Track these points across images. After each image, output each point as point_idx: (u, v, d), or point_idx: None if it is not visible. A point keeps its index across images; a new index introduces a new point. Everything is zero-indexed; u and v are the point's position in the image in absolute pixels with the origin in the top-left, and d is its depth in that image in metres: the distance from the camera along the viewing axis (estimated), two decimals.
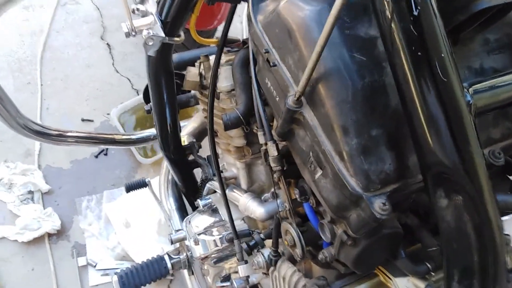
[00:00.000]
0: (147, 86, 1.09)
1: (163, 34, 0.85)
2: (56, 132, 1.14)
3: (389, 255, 0.67)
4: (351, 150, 0.51)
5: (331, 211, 0.58)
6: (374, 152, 0.51)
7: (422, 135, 0.45)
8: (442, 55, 0.43)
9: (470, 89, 0.47)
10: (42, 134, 1.09)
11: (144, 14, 0.88)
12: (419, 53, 0.43)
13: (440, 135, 0.44)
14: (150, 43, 0.84)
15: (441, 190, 0.47)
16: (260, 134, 0.71)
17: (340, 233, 0.60)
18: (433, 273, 0.67)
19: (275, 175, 0.71)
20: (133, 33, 0.88)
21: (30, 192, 1.99)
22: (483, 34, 0.56)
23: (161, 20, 0.88)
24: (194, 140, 1.38)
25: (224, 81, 0.91)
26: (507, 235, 0.75)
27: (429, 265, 0.67)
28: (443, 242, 0.50)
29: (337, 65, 0.51)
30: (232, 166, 1.14)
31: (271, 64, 0.60)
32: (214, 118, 0.95)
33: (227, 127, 0.84)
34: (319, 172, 0.57)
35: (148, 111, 1.20)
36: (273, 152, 0.68)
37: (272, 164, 0.68)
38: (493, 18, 0.53)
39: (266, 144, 0.70)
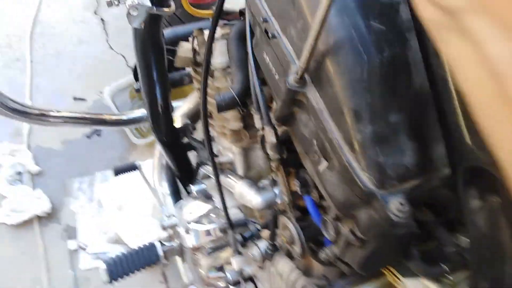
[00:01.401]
0: None
1: (149, 4, 0.76)
2: (38, 111, 1.05)
3: (401, 255, 0.59)
4: (364, 140, 0.42)
5: (337, 208, 0.50)
6: (392, 142, 0.43)
7: (455, 123, 0.37)
8: None
9: None
10: (21, 113, 1.00)
11: None
12: None
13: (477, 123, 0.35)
14: (135, 14, 0.75)
15: (474, 189, 0.39)
16: (256, 118, 0.63)
17: (346, 233, 0.52)
18: (449, 275, 0.60)
19: (272, 164, 0.63)
20: (116, 2, 0.79)
21: (19, 173, 1.92)
22: None
23: None
24: (189, 121, 1.30)
25: (219, 57, 0.83)
26: None
27: (445, 266, 0.60)
28: (471, 250, 0.42)
29: (349, 35, 0.42)
30: (228, 150, 1.06)
31: (270, 35, 0.51)
32: (208, 98, 0.86)
33: (221, 108, 0.75)
34: (324, 164, 0.49)
35: (138, 90, 1.12)
36: (271, 138, 0.59)
37: (270, 152, 0.60)
38: None
39: (263, 129, 0.61)
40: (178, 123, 1.26)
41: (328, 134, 0.45)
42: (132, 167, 1.27)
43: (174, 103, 1.32)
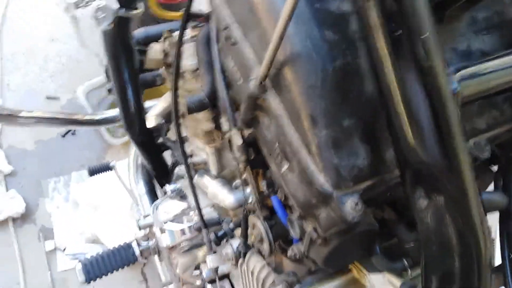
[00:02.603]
0: None
1: (116, 6, 0.76)
2: (6, 112, 1.03)
3: (363, 251, 0.62)
4: (320, 143, 0.44)
5: (299, 207, 0.52)
6: (346, 145, 0.45)
7: (400, 127, 0.39)
8: (426, 34, 0.36)
9: (457, 75, 0.41)
10: None
11: None
12: (399, 32, 0.36)
13: (420, 127, 0.38)
14: (101, 16, 0.75)
15: (420, 189, 0.41)
16: (224, 120, 0.64)
17: (310, 231, 0.55)
18: (409, 270, 0.63)
19: (240, 166, 0.64)
20: (83, 4, 0.78)
21: None
22: (470, 12, 0.50)
23: None
24: (163, 121, 1.30)
25: (189, 59, 0.83)
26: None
27: (405, 262, 0.63)
28: (421, 246, 0.45)
29: (305, 45, 0.44)
30: (201, 150, 1.07)
31: (232, 41, 0.52)
32: (180, 99, 0.87)
33: (191, 110, 0.76)
34: (285, 165, 0.50)
35: (110, 90, 1.11)
36: (237, 140, 0.61)
37: (237, 154, 0.62)
38: None
39: (230, 130, 0.63)
40: (152, 122, 1.26)
41: (288, 137, 0.47)
42: (107, 167, 1.27)
43: (149, 103, 1.32)
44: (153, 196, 1.46)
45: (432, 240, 0.43)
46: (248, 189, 0.86)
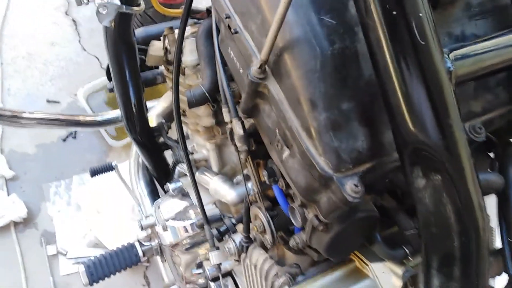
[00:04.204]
0: None
1: (118, 2, 0.77)
2: (9, 113, 1.04)
3: (364, 239, 0.63)
4: (320, 126, 0.45)
5: (300, 194, 0.52)
6: (345, 128, 0.45)
7: (397, 107, 0.40)
8: (420, 14, 0.37)
9: (451, 55, 0.42)
10: None
11: None
12: (394, 12, 0.37)
13: (417, 107, 0.39)
14: (104, 12, 0.76)
15: (418, 169, 0.42)
16: (225, 111, 0.65)
17: (311, 218, 0.55)
18: (410, 258, 0.63)
19: (241, 156, 0.65)
20: (86, 1, 0.79)
21: None
22: None
23: None
24: (163, 120, 1.31)
25: (189, 55, 0.84)
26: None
27: (406, 249, 0.63)
28: (421, 227, 0.45)
29: (303, 30, 0.45)
30: (202, 147, 1.08)
31: (233, 31, 0.53)
32: (180, 96, 0.88)
33: (191, 104, 0.77)
34: (286, 152, 0.51)
35: (111, 90, 1.12)
36: (238, 130, 0.61)
37: (238, 144, 0.62)
38: None
39: (231, 122, 0.64)
40: (153, 122, 1.26)
41: (288, 123, 0.48)
42: (109, 168, 1.27)
43: (149, 103, 1.33)
44: (154, 197, 1.46)
45: (431, 220, 0.44)
46: (250, 183, 0.87)
